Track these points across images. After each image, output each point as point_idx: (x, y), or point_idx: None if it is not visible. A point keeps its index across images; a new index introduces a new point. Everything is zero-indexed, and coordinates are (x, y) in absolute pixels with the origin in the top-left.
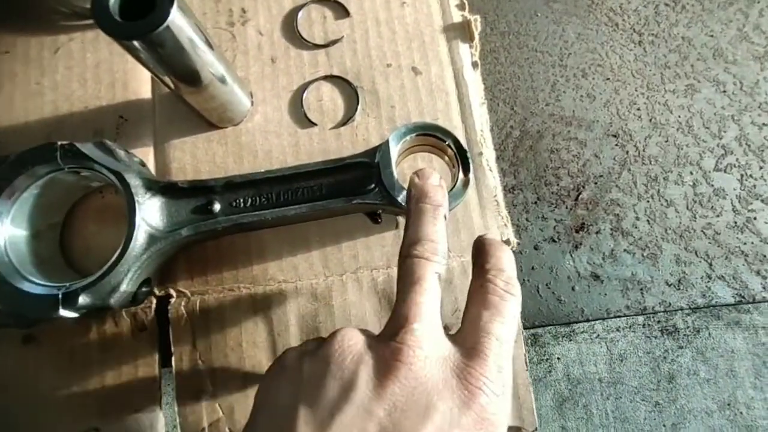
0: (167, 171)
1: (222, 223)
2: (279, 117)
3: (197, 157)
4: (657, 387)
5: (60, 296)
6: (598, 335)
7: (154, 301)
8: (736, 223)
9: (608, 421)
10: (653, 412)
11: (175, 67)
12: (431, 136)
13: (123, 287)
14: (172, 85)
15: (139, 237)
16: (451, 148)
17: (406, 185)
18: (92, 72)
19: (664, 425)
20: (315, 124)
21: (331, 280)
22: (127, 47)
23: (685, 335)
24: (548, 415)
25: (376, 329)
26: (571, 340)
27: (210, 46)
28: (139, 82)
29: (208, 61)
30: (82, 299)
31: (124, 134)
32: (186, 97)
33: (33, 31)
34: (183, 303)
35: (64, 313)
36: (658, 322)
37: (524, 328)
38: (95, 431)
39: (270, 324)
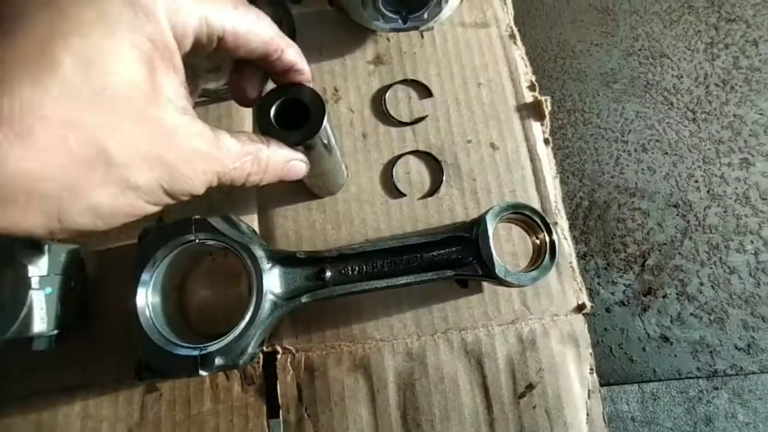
0: (271, 236)
1: (337, 291)
2: (371, 188)
3: (299, 224)
4: (693, 429)
5: (198, 358)
6: None
7: (261, 356)
8: None
9: None
10: None
11: (312, 157)
12: (522, 214)
13: (250, 350)
14: None
15: (265, 304)
16: (538, 225)
17: (499, 259)
18: None
19: None
20: (404, 195)
21: (423, 340)
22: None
23: (720, 377)
24: None
25: (466, 389)
26: None
27: (334, 134)
28: None
29: (331, 148)
30: (218, 360)
31: (233, 203)
32: (304, 178)
33: None
34: (289, 359)
35: (202, 372)
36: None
37: (600, 385)
38: None
39: (370, 381)
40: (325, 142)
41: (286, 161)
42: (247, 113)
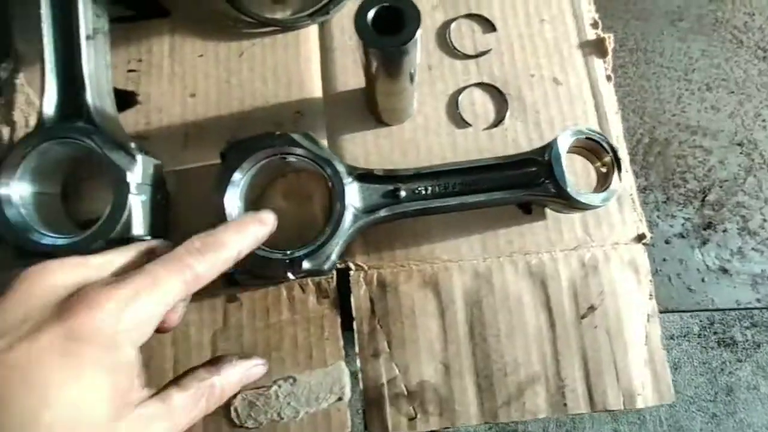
0: (341, 160)
1: (413, 206)
2: (438, 118)
3: (367, 150)
4: (714, 399)
5: (288, 261)
6: None
7: (335, 273)
8: None
9: (662, 429)
10: (710, 424)
11: (398, 70)
12: (594, 141)
13: (333, 257)
14: (380, 86)
15: (347, 215)
16: (607, 152)
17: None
18: (271, 73)
19: None
20: (470, 125)
21: (489, 261)
22: (373, 53)
23: (744, 349)
24: (601, 417)
25: (531, 308)
26: None
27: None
28: (312, 83)
29: (414, 67)
30: (305, 264)
31: (301, 127)
32: (381, 97)
33: (221, 38)
34: (362, 275)
35: (290, 276)
36: (715, 333)
37: (659, 312)
38: (292, 380)
39: (439, 297)
40: (415, 52)
41: (241, 377)
42: (313, 42)
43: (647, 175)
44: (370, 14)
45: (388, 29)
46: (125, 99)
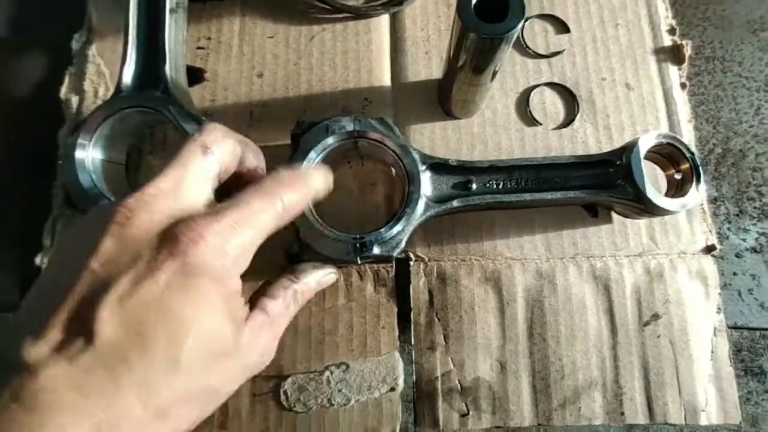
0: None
1: (486, 199)
2: (507, 114)
3: (434, 141)
4: (738, 428)
5: (357, 244)
6: None
7: (394, 262)
8: None
9: None
10: None
11: (488, 61)
12: (675, 147)
13: (402, 244)
14: (462, 77)
15: (420, 203)
16: (687, 160)
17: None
18: (341, 58)
19: None
20: (540, 124)
21: (553, 262)
22: (471, 40)
23: None
24: None
25: (593, 312)
26: None
27: None
28: (381, 71)
29: (501, 63)
30: (375, 249)
31: (368, 114)
32: (459, 89)
33: (292, 21)
34: (421, 266)
35: (358, 259)
36: (742, 361)
37: (727, 327)
38: (345, 366)
39: (499, 293)
40: (509, 46)
41: (316, 284)
42: (385, 31)
43: (719, 186)
44: (474, 1)
45: (488, 14)
46: (193, 75)
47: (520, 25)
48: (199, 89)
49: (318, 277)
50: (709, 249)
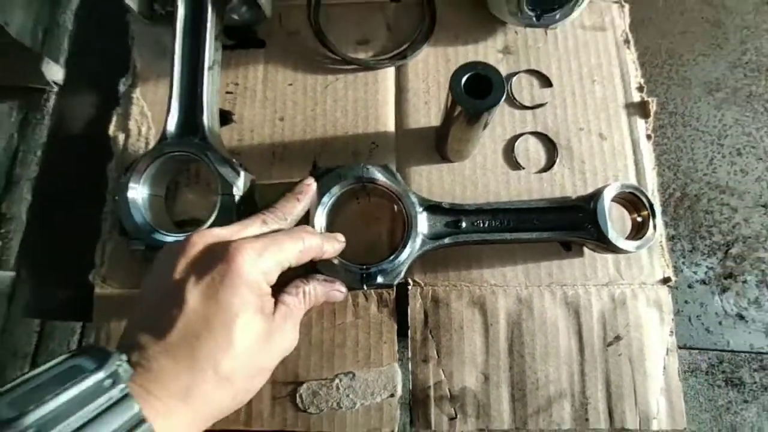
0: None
1: (473, 237)
2: (495, 159)
3: (431, 182)
4: None
5: (363, 274)
6: None
7: (394, 286)
8: None
9: None
10: None
11: (478, 123)
12: (635, 196)
13: (401, 274)
14: (456, 131)
15: (417, 240)
16: (646, 207)
17: (612, 226)
18: (351, 106)
19: None
20: (523, 168)
21: (531, 289)
22: (461, 109)
23: (751, 390)
24: None
25: (564, 333)
26: None
27: None
28: (387, 118)
29: (490, 120)
30: (379, 278)
31: (375, 157)
32: (454, 139)
33: (309, 70)
34: (418, 291)
35: (364, 286)
36: (723, 372)
37: (678, 347)
38: (351, 375)
39: (484, 315)
40: (495, 111)
41: (324, 292)
42: (390, 82)
43: (676, 225)
44: (464, 79)
45: (476, 89)
46: (223, 117)
47: (501, 101)
48: (227, 130)
49: (326, 288)
50: (665, 280)
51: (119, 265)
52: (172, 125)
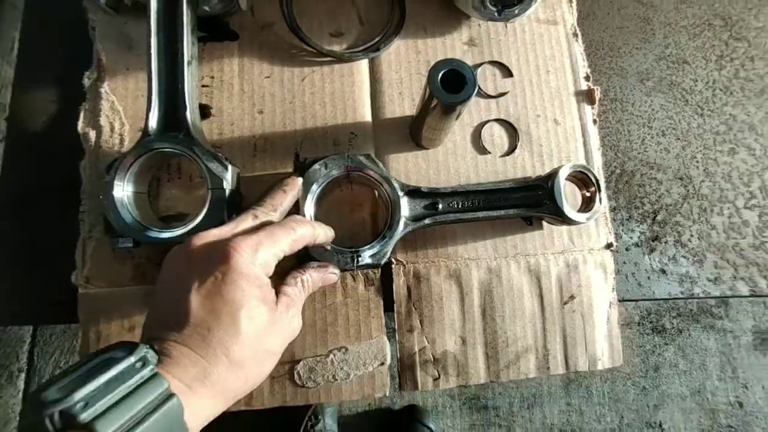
0: (395, 179)
1: (449, 217)
2: (464, 145)
3: (408, 168)
4: (645, 375)
5: (352, 255)
6: None
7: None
8: (754, 244)
9: (604, 401)
10: (640, 395)
11: (452, 114)
12: (585, 174)
13: (388, 254)
14: (431, 121)
15: (400, 222)
16: (593, 184)
17: (566, 202)
18: (329, 98)
19: (647, 406)
20: (489, 152)
21: (499, 261)
22: (437, 102)
23: (670, 334)
24: (557, 393)
25: (528, 297)
26: None
27: None
28: (363, 109)
29: (462, 111)
30: (368, 259)
31: (354, 147)
32: (428, 129)
33: (285, 63)
34: (401, 268)
35: (355, 267)
36: (650, 322)
37: (618, 300)
38: (344, 349)
39: (460, 286)
40: (468, 104)
41: (320, 277)
42: (365, 74)
43: (617, 198)
44: (440, 75)
45: (451, 83)
46: (201, 111)
47: (474, 94)
48: (207, 123)
49: (321, 274)
50: (608, 246)
51: (102, 264)
52: (153, 121)
